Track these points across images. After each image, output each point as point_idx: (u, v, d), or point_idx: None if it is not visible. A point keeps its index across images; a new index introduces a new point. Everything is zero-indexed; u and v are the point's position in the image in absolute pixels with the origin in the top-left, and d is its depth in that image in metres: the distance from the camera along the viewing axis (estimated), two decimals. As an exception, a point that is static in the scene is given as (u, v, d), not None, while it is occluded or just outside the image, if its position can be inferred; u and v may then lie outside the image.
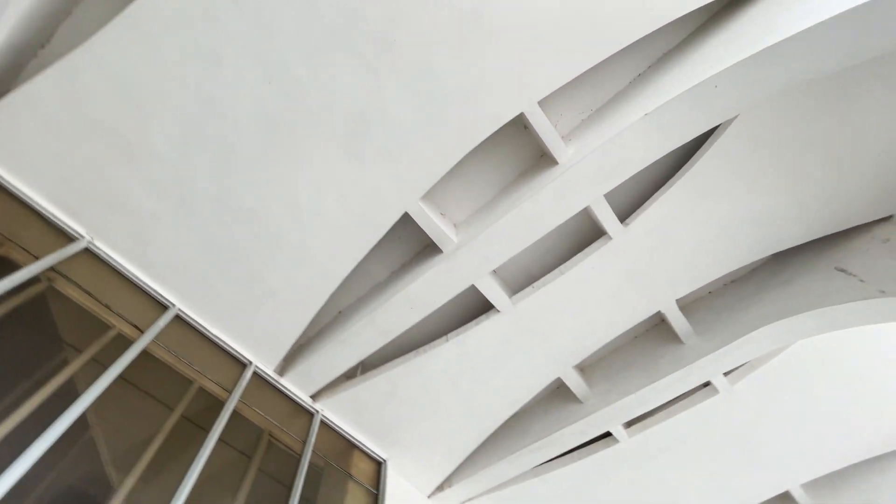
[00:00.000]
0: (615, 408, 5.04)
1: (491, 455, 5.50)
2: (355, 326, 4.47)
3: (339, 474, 5.08)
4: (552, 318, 4.65)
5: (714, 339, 4.68)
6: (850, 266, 4.24)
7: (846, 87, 3.55)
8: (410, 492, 5.59)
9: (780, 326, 4.34)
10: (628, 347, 5.38)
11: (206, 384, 4.45)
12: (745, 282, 4.93)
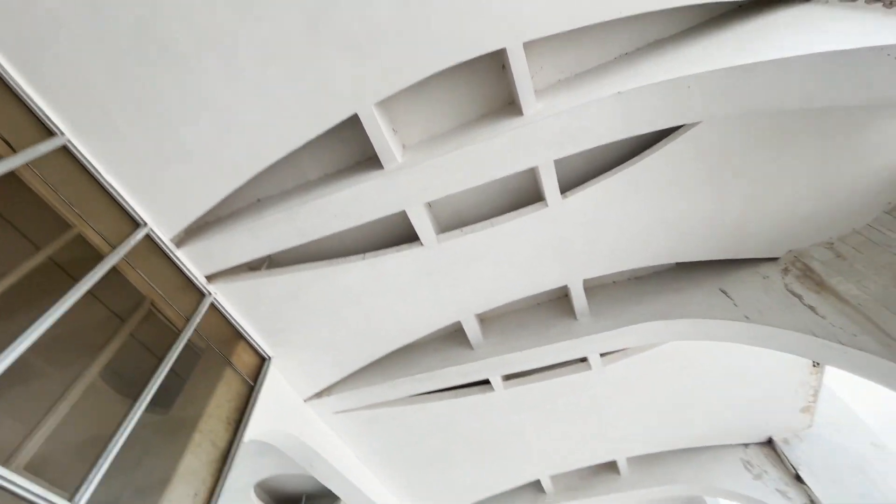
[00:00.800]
0: (500, 360, 5.40)
1: (375, 376, 5.70)
2: (272, 218, 4.22)
3: (218, 360, 4.96)
4: (471, 266, 4.74)
5: (603, 322, 5.12)
6: (731, 290, 4.78)
7: (786, 131, 3.81)
8: (288, 392, 5.66)
9: (661, 325, 4.84)
10: (528, 311, 5.72)
11: (88, 233, 3.99)
12: (646, 281, 5.38)
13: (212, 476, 4.17)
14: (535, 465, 7.48)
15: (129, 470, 3.62)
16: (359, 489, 6.57)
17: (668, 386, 6.31)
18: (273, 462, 6.88)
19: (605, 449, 7.31)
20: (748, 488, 6.81)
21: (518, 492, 8.18)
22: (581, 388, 6.16)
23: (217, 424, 4.49)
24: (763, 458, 7.08)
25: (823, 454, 6.69)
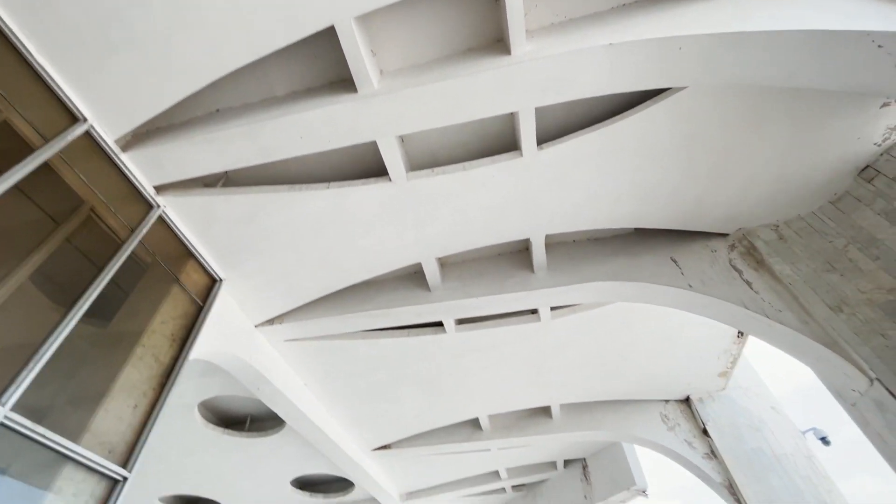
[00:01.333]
0: (455, 304, 5.52)
1: (330, 308, 5.69)
2: (232, 132, 3.91)
3: (165, 277, 4.75)
4: (437, 207, 4.68)
5: (559, 278, 5.29)
6: (681, 260, 5.03)
7: (760, 112, 3.88)
8: (238, 316, 5.57)
9: (612, 286, 5.07)
10: (488, 260, 5.80)
11: (15, 121, 3.56)
12: (604, 243, 5.55)
13: (153, 390, 4.12)
14: (476, 404, 7.94)
15: (63, 379, 3.50)
16: (305, 415, 6.75)
17: (607, 343, 6.74)
18: (219, 382, 6.89)
19: (542, 395, 7.84)
20: (662, 438, 7.60)
21: (457, 427, 8.72)
22: (528, 338, 6.46)
23: (161, 340, 4.38)
24: (678, 413, 7.86)
25: (729, 413, 7.51)
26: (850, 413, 4.01)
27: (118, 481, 3.49)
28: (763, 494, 6.55)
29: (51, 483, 3.19)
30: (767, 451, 6.97)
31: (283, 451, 8.72)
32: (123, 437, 3.68)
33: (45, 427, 3.04)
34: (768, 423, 7.35)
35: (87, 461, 3.29)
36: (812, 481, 6.64)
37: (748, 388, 7.88)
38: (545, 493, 10.77)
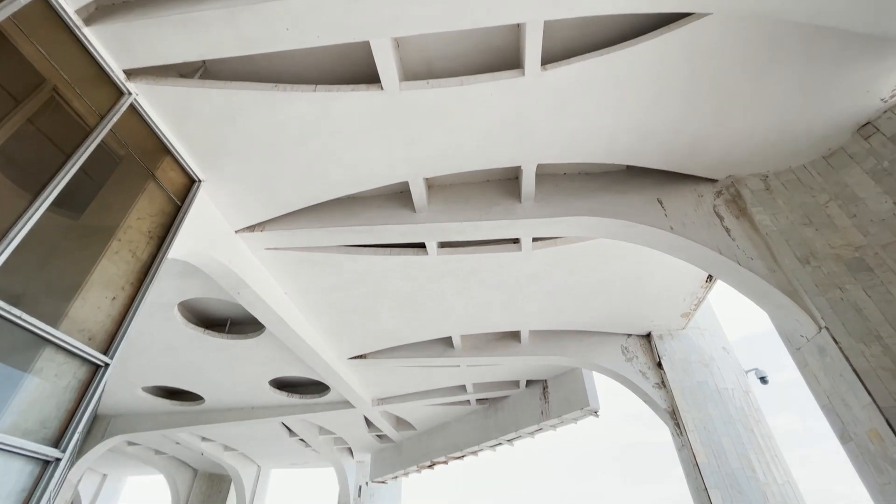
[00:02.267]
0: (439, 227, 5.52)
1: (313, 220, 5.62)
2: (208, 13, 3.52)
3: (140, 171, 4.53)
4: (430, 123, 4.48)
5: (544, 210, 5.30)
6: (666, 201, 5.06)
7: (779, 50, 3.69)
8: (218, 220, 5.47)
9: (596, 222, 5.11)
10: (476, 186, 5.72)
11: (-44, -26, 3.11)
12: (595, 178, 5.50)
13: (131, 285, 4.11)
14: (450, 324, 8.29)
15: (36, 268, 3.45)
16: (284, 321, 6.95)
17: (582, 278, 6.97)
18: (198, 284, 6.95)
19: (514, 321, 8.21)
20: (619, 367, 8.19)
21: (431, 344, 9.17)
22: (507, 266, 6.60)
23: (138, 237, 4.29)
24: (638, 347, 8.41)
25: (684, 350, 8.08)
26: (793, 356, 4.35)
27: (100, 367, 3.60)
28: (700, 420, 7.29)
29: (31, 364, 3.26)
30: (711, 384, 7.64)
31: (261, 354, 9.11)
32: (103, 326, 3.73)
33: (22, 311, 3.05)
34: (717, 361, 7.97)
35: (67, 345, 3.36)
36: (744, 412, 7.38)
37: (705, 329, 8.42)
38: (506, 407, 11.74)
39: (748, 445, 7.00)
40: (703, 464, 6.90)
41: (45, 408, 3.24)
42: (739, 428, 7.17)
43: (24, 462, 3.05)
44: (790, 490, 6.73)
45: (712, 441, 7.08)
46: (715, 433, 7.14)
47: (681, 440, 7.38)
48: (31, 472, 3.07)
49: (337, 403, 11.61)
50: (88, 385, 3.53)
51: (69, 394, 3.40)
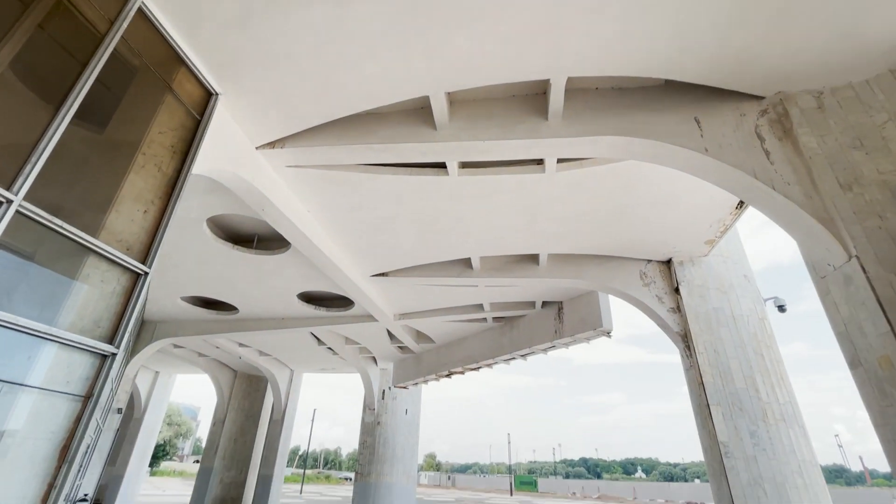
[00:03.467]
0: (461, 146, 5.36)
1: (332, 137, 5.52)
2: None
3: (157, 83, 4.45)
4: (452, 32, 4.15)
5: (572, 129, 5.04)
6: (704, 121, 4.73)
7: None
8: (238, 135, 5.43)
9: (626, 142, 4.86)
10: (500, 102, 5.43)
11: None
12: (628, 94, 5.13)
13: (160, 199, 4.23)
14: (469, 246, 8.40)
15: (69, 182, 3.56)
16: (308, 237, 7.15)
17: (606, 202, 6.81)
18: (224, 201, 7.11)
19: (534, 244, 8.25)
20: (636, 292, 8.29)
21: (450, 264, 9.40)
22: (528, 188, 6.48)
23: (161, 151, 4.33)
24: (657, 273, 8.43)
25: (703, 276, 8.06)
26: (816, 284, 4.29)
27: (140, 275, 3.85)
28: (710, 343, 7.48)
29: (78, 271, 3.50)
30: (727, 310, 7.71)
31: (288, 270, 9.54)
32: (138, 237, 3.92)
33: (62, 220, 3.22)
34: (736, 289, 7.96)
35: (108, 254, 3.57)
36: (757, 337, 7.52)
37: (728, 257, 8.31)
38: (521, 326, 12.25)
39: (755, 368, 7.23)
40: (708, 383, 7.21)
41: (96, 310, 3.54)
42: (749, 352, 7.36)
43: (86, 356, 3.41)
44: (791, 409, 7.05)
45: (720, 363, 7.32)
46: (724, 356, 7.36)
47: (689, 361, 7.66)
48: (93, 364, 3.45)
49: (361, 317, 12.32)
50: (132, 291, 3.81)
51: (115, 298, 3.69)
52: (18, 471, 2.95)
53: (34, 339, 3.10)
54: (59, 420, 3.19)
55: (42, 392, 3.14)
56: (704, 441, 7.21)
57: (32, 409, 3.10)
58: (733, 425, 6.86)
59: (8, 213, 2.85)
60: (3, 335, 2.96)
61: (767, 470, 6.51)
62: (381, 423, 17.53)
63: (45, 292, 3.42)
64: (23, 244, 3.34)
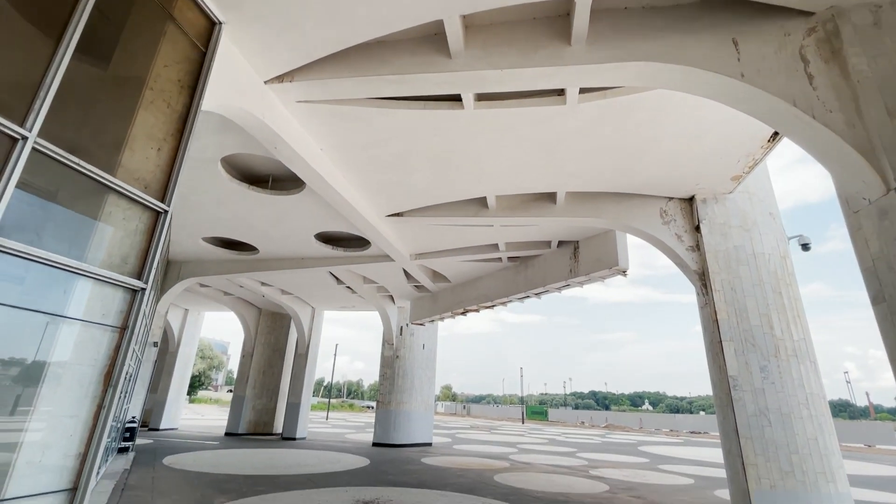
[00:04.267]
0: (476, 76, 5.07)
1: (342, 68, 5.27)
2: None
3: (158, 13, 4.24)
4: (468, -58, 3.77)
5: (597, 54, 4.69)
6: (743, 42, 4.34)
7: None
8: (245, 68, 5.22)
9: (656, 68, 4.53)
10: (520, 26, 5.04)
11: None
12: (661, 13, 4.69)
13: (172, 136, 4.17)
14: (485, 184, 8.25)
15: (79, 121, 3.52)
16: (321, 176, 7.10)
17: (630, 136, 6.50)
18: (237, 140, 7.02)
19: (551, 181, 8.05)
20: (655, 230, 8.15)
21: (465, 204, 9.30)
22: (548, 122, 6.20)
23: (169, 86, 4.21)
24: (678, 210, 8.21)
25: (726, 214, 7.84)
26: (847, 219, 4.12)
27: (160, 213, 3.90)
28: (728, 282, 7.43)
29: (100, 210, 3.56)
30: (748, 248, 7.57)
31: (304, 210, 9.59)
32: (154, 175, 3.93)
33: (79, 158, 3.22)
34: (759, 226, 7.75)
35: (127, 192, 3.60)
36: (777, 275, 7.42)
37: (754, 194, 8.01)
38: (536, 265, 12.31)
39: (772, 306, 7.21)
40: (722, 320, 7.25)
41: (122, 247, 3.64)
42: (767, 290, 7.30)
43: (119, 291, 3.56)
44: (804, 346, 7.11)
45: (736, 301, 7.31)
46: (741, 294, 7.33)
47: (705, 299, 7.66)
48: (125, 299, 3.61)
49: (377, 257, 12.51)
50: (154, 229, 3.88)
51: (139, 236, 3.77)
52: (71, 392, 3.21)
53: (68, 275, 3.23)
54: (101, 349, 3.41)
55: (83, 324, 3.33)
56: (714, 375, 7.39)
57: (77, 340, 3.30)
58: (744, 360, 6.98)
59: (25, 150, 2.86)
60: (38, 271, 3.08)
61: (774, 401, 6.70)
62: (400, 356, 18.40)
63: (72, 231, 3.52)
64: (45, 184, 3.39)
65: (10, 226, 2.87)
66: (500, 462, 14.03)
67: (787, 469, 6.36)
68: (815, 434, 6.56)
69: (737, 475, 6.66)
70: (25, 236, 2.97)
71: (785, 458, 6.41)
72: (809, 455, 6.43)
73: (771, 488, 6.29)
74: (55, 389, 3.15)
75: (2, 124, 2.78)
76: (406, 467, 11.96)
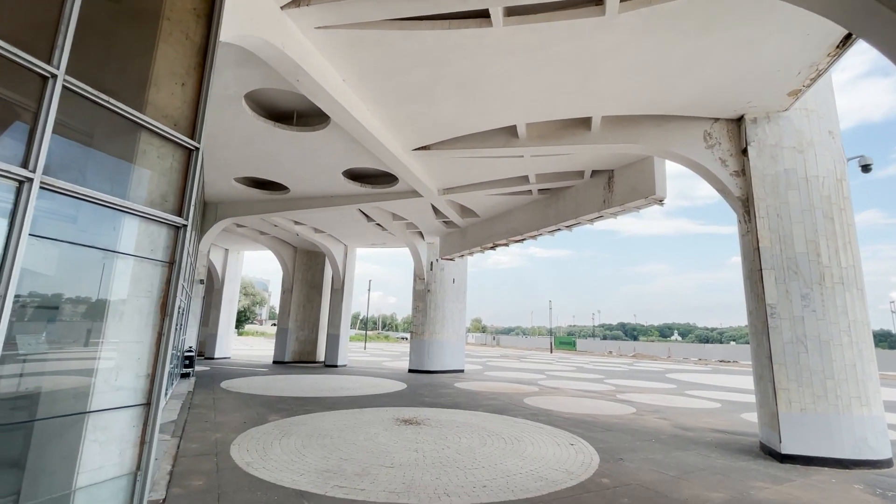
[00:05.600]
0: (507, -14, 4.62)
1: (360, -13, 4.91)
2: None
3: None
4: None
5: (643, -50, 4.14)
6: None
7: None
8: (260, -7, 4.94)
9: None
10: (556, -77, 4.47)
11: None
12: None
13: (195, 70, 4.09)
14: (515, 111, 7.84)
15: (101, 59, 3.48)
16: (346, 109, 6.92)
17: (675, 48, 5.90)
18: (259, 74, 6.85)
19: (586, 105, 7.56)
20: (696, 154, 7.66)
21: (494, 133, 8.95)
22: (583, 37, 5.68)
23: (185, 16, 4.06)
24: (724, 132, 7.63)
25: (778, 134, 7.23)
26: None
27: (192, 150, 3.93)
28: (774, 208, 7.03)
29: (134, 149, 3.62)
30: (800, 171, 7.04)
31: (331, 146, 9.50)
32: (182, 112, 3.92)
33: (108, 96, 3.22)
34: (815, 147, 7.14)
35: (158, 129, 3.63)
36: (830, 200, 6.95)
37: (813, 110, 7.29)
38: (567, 197, 11.98)
39: (821, 232, 6.83)
40: (764, 248, 6.96)
41: (160, 185, 3.74)
42: (818, 215, 6.89)
43: (163, 228, 3.71)
44: (852, 273, 6.79)
45: (781, 227, 6.95)
46: (787, 220, 6.95)
47: (747, 227, 7.33)
48: (169, 235, 3.77)
49: (405, 193, 12.47)
50: (188, 167, 3.95)
51: (175, 174, 3.85)
52: (133, 321, 3.48)
53: (114, 213, 3.37)
54: (154, 282, 3.63)
55: (136, 260, 3.53)
56: (751, 304, 7.26)
57: (132, 275, 3.52)
58: (784, 289, 6.78)
59: (57, 88, 2.87)
60: (88, 210, 3.23)
61: (813, 329, 6.57)
62: (431, 290, 18.95)
63: (112, 171, 3.62)
64: (80, 125, 3.44)
65: (55, 166, 2.97)
66: (529, 387, 14.74)
67: (819, 394, 6.38)
68: (853, 360, 6.46)
69: (766, 399, 6.75)
70: (70, 176, 3.07)
71: (819, 383, 6.41)
72: (846, 380, 6.39)
73: (801, 411, 6.36)
74: (119, 320, 3.42)
75: (31, 62, 2.78)
76: (441, 391, 12.75)
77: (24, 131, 2.84)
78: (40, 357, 3.21)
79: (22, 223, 2.64)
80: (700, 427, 8.77)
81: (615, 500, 4.54)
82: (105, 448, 3.24)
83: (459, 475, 5.14)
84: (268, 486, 4.59)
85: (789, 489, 5.10)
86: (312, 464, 5.37)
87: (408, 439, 6.76)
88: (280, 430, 7.07)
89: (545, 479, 5.08)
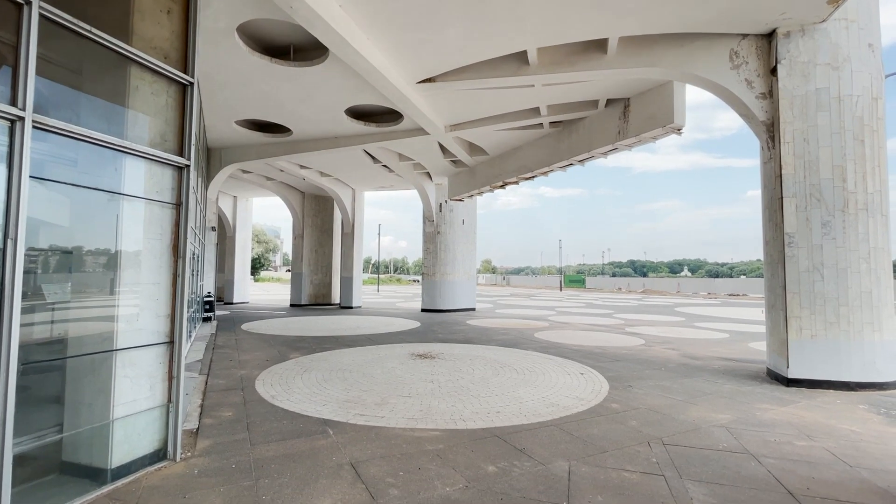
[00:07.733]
0: None
1: None
2: None
3: None
4: None
5: None
6: None
7: None
8: None
9: None
10: None
11: None
12: None
13: (180, -6, 3.79)
14: (526, 34, 7.29)
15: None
16: (344, 39, 6.49)
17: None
18: (249, 3, 6.37)
19: (602, 23, 6.98)
20: (720, 76, 7.14)
21: (503, 61, 8.41)
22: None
23: (162, -69, 3.68)
24: (752, 50, 7.06)
25: (812, 49, 6.66)
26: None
27: (186, 85, 3.74)
28: (801, 132, 6.65)
29: (126, 84, 3.44)
30: (833, 91, 6.56)
31: (332, 82, 9.05)
32: (171, 44, 3.68)
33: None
34: (852, 62, 6.59)
35: (148, 62, 3.43)
36: (862, 121, 6.53)
37: (853, 21, 6.65)
38: (580, 129, 11.48)
39: (849, 156, 6.49)
40: (787, 175, 6.68)
41: (157, 124, 3.60)
42: (847, 138, 6.51)
43: (166, 167, 3.62)
44: (878, 199, 6.54)
45: (808, 153, 6.61)
46: (814, 145, 6.59)
47: (770, 153, 6.99)
48: (173, 176, 3.69)
49: (411, 131, 12.05)
50: (184, 104, 3.78)
51: (171, 112, 3.69)
52: (148, 263, 3.50)
53: (113, 153, 3.28)
54: (163, 223, 3.61)
55: (144, 202, 3.48)
56: (768, 234, 7.10)
57: (143, 217, 3.49)
58: (805, 216, 6.58)
59: (33, 16, 2.67)
60: (85, 150, 3.13)
61: (831, 257, 6.45)
62: (441, 232, 18.94)
63: (106, 110, 3.48)
64: (66, 60, 3.26)
65: (47, 107, 2.85)
66: (539, 322, 15.10)
67: (832, 320, 6.39)
68: (870, 287, 6.39)
69: (777, 327, 6.80)
70: (64, 115, 2.95)
71: (832, 311, 6.40)
72: (860, 307, 6.36)
73: (812, 338, 6.42)
74: (134, 264, 3.44)
75: (1, -11, 2.56)
76: (453, 328, 13.13)
77: (9, 74, 2.69)
78: (65, 305, 3.28)
79: (21, 164, 2.57)
80: (708, 356, 8.98)
81: (625, 422, 4.73)
82: (136, 383, 3.39)
83: (474, 402, 5.38)
84: (293, 415, 4.86)
85: (794, 409, 5.26)
86: (334, 395, 5.64)
87: (424, 372, 7.04)
88: (301, 367, 7.40)
89: (557, 405, 5.29)
